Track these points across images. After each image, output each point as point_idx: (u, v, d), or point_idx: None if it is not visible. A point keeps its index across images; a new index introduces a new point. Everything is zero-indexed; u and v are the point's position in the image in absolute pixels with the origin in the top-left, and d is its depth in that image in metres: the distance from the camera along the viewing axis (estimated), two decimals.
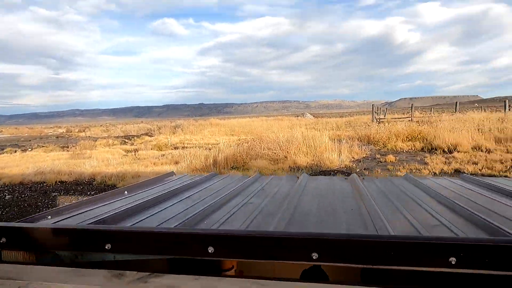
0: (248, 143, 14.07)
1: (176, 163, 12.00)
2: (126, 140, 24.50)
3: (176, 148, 18.01)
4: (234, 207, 1.77)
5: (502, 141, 12.17)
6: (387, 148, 13.43)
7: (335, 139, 13.72)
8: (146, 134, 29.41)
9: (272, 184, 2.44)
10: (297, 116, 50.79)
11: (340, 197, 1.99)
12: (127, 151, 17.64)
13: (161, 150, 17.30)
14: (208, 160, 10.97)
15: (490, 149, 11.30)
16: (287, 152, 11.77)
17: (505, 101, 22.01)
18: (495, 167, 8.95)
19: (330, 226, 1.48)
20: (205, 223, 1.48)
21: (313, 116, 56.01)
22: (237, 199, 1.95)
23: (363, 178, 2.54)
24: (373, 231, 1.34)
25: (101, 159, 13.90)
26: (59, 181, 9.81)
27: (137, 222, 1.46)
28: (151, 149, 18.06)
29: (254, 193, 2.10)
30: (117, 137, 28.10)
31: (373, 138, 14.81)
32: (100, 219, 1.42)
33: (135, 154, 15.51)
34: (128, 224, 1.42)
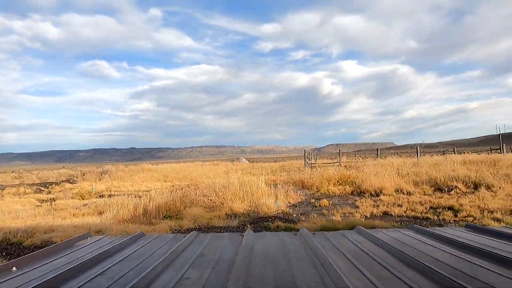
0: (182, 189, 13.41)
1: (100, 213, 10.81)
2: (42, 188, 21.83)
3: (101, 196, 16.56)
4: (163, 287, 1.36)
5: (419, 184, 13.39)
6: (321, 193, 13.86)
7: (271, 184, 13.79)
8: (68, 180, 26.64)
9: (212, 247, 2.07)
10: (233, 161, 51.03)
11: (296, 262, 1.73)
12: (42, 200, 15.74)
13: (84, 199, 15.70)
14: (137, 209, 10.06)
15: (410, 192, 12.32)
16: (224, 198, 11.42)
17: (417, 148, 24.78)
18: (417, 208, 9.67)
19: None
20: None
21: (248, 160, 56.79)
22: (169, 272, 1.51)
23: (314, 233, 2.35)
24: None
25: (8, 210, 12.12)
26: None
27: None
28: (72, 197, 16.30)
29: (190, 262, 1.69)
30: (32, 184, 24.91)
31: (307, 182, 15.22)
32: None
33: (51, 204, 13.81)
34: None
